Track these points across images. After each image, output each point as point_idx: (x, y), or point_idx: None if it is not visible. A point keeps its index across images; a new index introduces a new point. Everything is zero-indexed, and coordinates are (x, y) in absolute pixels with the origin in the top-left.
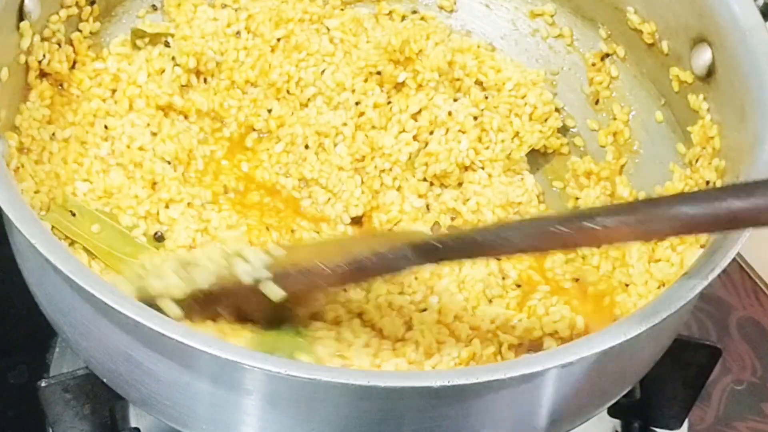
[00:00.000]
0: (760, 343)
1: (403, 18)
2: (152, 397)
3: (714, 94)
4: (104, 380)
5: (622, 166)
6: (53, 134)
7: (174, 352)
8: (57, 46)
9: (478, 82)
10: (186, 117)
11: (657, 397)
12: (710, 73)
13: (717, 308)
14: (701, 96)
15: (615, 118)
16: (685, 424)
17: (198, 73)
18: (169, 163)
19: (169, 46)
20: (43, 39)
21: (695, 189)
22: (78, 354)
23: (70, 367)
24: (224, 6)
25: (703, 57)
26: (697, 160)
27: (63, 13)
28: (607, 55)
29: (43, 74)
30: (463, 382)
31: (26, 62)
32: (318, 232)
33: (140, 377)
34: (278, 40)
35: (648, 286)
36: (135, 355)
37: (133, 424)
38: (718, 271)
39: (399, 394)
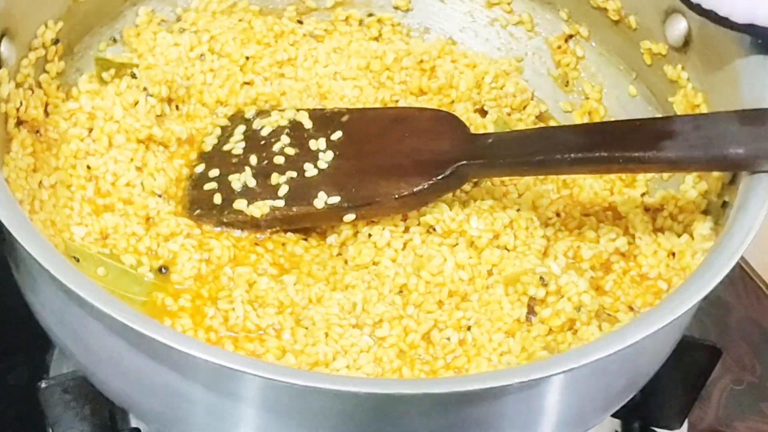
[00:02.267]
0: (760, 343)
1: (360, 22)
2: (148, 404)
3: (694, 62)
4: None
5: None
6: (40, 182)
7: (168, 359)
8: (30, 91)
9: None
10: (166, 147)
11: (657, 397)
12: (687, 42)
13: (717, 308)
14: (679, 66)
15: (588, 98)
16: (685, 424)
17: (169, 101)
18: (160, 196)
19: (135, 77)
20: (17, 85)
21: None
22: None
23: (70, 367)
24: (182, 30)
25: (678, 27)
26: None
27: (32, 55)
28: (571, 36)
29: (19, 122)
30: (464, 389)
31: (5, 111)
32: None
33: (135, 384)
34: (247, 58)
35: (657, 257)
36: (128, 361)
37: (133, 425)
38: (724, 272)
39: (399, 401)
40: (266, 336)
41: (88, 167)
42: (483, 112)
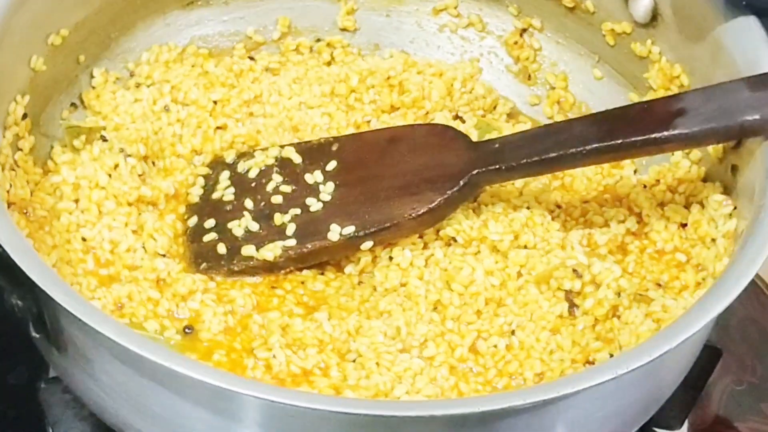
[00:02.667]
0: (760, 343)
1: (311, 49)
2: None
3: (665, 35)
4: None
5: None
6: None
7: (167, 380)
8: (13, 172)
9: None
10: (155, 205)
11: None
12: (654, 17)
13: None
14: (648, 41)
15: (553, 88)
16: (685, 424)
17: (145, 158)
18: (164, 256)
19: (106, 140)
20: (1, 168)
21: None
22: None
23: None
24: (138, 85)
25: (643, 3)
26: None
27: (9, 134)
28: (524, 30)
29: (8, 204)
30: (470, 411)
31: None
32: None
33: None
34: (215, 102)
35: (669, 230)
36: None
37: None
38: (744, 283)
39: (404, 422)
40: (314, 377)
41: (83, 239)
42: (461, 119)
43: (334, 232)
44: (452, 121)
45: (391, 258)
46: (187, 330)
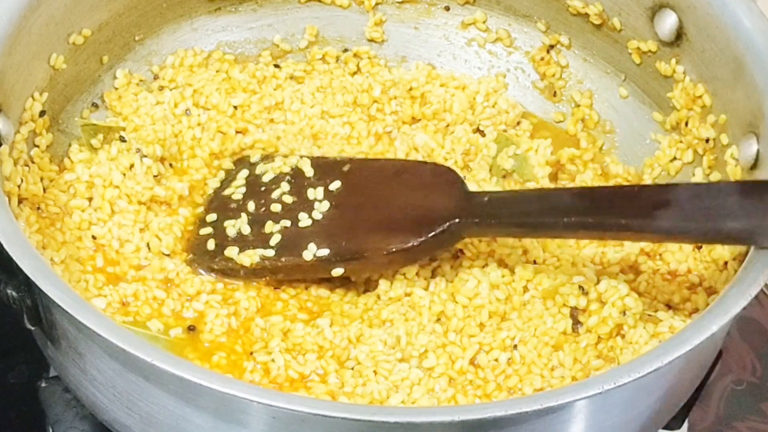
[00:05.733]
0: (760, 343)
1: (337, 59)
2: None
3: (690, 55)
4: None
5: (601, 148)
6: (52, 259)
7: (153, 377)
8: (26, 168)
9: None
10: (169, 206)
11: None
12: (679, 36)
13: None
14: (673, 61)
15: (578, 105)
16: (685, 424)
17: (162, 160)
18: (168, 255)
19: (124, 141)
20: (14, 162)
21: (688, 150)
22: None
23: None
24: (161, 88)
25: (668, 22)
26: (686, 122)
27: (24, 130)
28: (552, 46)
29: (20, 200)
30: (447, 419)
31: (8, 191)
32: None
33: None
34: (235, 108)
35: (683, 251)
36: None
37: None
38: (744, 302)
39: (408, 429)
40: (311, 383)
41: (94, 237)
42: (481, 133)
43: (309, 252)
44: (473, 135)
45: None
46: (190, 328)
